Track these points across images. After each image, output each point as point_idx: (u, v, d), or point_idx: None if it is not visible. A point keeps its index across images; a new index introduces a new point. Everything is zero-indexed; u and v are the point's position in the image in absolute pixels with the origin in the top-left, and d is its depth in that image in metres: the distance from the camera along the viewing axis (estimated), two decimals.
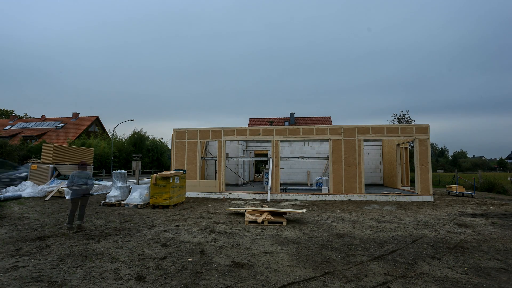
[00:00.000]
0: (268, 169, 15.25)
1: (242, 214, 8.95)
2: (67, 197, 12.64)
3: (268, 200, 12.31)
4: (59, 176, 14.78)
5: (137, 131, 41.65)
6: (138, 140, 40.22)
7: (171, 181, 10.06)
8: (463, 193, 14.63)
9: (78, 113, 45.45)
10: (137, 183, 13.62)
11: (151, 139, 43.51)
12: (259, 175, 23.67)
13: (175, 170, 11.93)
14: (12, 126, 45.56)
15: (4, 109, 60.37)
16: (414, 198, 12.26)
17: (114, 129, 35.63)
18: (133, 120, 57.28)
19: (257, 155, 22.85)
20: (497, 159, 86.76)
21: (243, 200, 12.57)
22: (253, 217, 7.74)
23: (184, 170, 11.95)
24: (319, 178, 15.88)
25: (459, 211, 9.74)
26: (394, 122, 27.64)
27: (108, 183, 15.91)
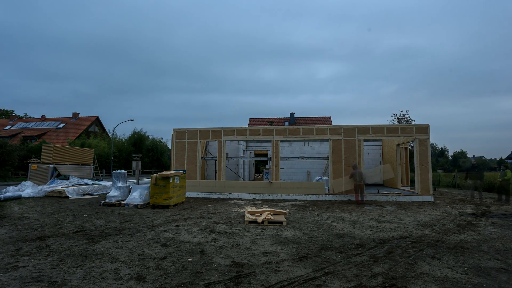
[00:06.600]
0: (268, 169, 15.28)
1: (242, 215, 8.96)
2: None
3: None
4: (59, 176, 14.79)
5: (137, 131, 41.71)
6: (138, 140, 40.26)
7: (171, 181, 10.06)
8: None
9: (78, 113, 45.47)
10: (137, 183, 13.63)
11: (151, 139, 43.55)
12: (259, 175, 23.67)
13: (175, 170, 11.94)
14: (12, 126, 45.58)
15: (4, 109, 60.41)
16: (414, 198, 12.26)
17: (114, 129, 35.68)
18: (133, 120, 57.18)
19: (257, 155, 22.85)
20: (497, 159, 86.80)
21: (243, 200, 12.58)
22: (253, 217, 7.75)
23: (184, 170, 11.96)
24: (319, 178, 15.87)
25: (459, 211, 9.75)
26: (394, 122, 27.64)
27: (108, 183, 15.92)
